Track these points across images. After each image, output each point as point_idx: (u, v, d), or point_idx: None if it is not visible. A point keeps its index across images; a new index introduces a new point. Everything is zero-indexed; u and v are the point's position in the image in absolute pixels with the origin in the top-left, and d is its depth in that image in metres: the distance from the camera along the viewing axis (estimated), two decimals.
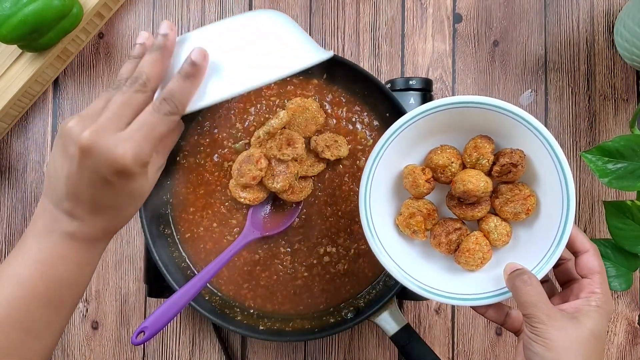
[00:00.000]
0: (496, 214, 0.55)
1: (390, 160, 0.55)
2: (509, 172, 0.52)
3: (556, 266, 0.52)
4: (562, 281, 0.52)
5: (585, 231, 0.77)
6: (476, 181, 0.52)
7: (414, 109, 0.52)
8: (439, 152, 0.55)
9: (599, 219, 0.77)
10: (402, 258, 0.55)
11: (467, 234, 0.54)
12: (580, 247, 0.50)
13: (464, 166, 0.55)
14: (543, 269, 0.49)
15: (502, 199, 0.53)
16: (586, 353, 0.44)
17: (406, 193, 0.57)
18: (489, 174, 0.54)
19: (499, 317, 0.52)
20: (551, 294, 0.53)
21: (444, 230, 0.55)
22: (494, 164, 0.53)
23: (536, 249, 0.51)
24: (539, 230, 0.52)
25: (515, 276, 0.48)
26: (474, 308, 0.52)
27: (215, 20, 0.79)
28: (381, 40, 0.79)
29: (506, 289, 0.50)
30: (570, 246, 0.51)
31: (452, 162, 0.54)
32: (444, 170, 0.54)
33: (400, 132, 0.53)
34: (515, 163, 0.52)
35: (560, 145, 0.77)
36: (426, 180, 0.54)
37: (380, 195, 0.57)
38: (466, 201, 0.54)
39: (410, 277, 0.54)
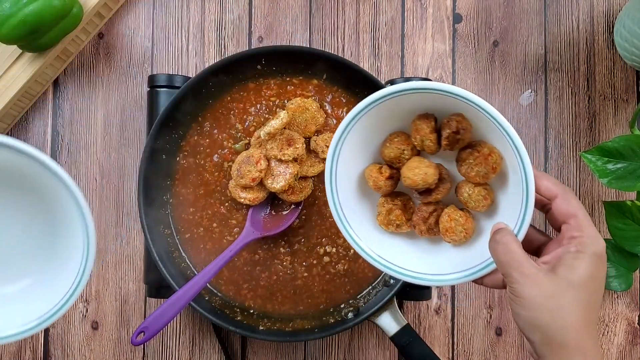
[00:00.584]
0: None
1: (349, 160, 0.54)
2: (457, 141, 0.51)
3: (546, 212, 0.49)
4: (556, 227, 0.49)
5: None
6: (414, 175, 0.51)
7: (355, 107, 0.51)
8: (387, 144, 0.54)
9: (599, 219, 0.77)
10: (390, 252, 0.55)
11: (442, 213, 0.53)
12: (548, 195, 0.47)
13: (417, 151, 0.54)
14: (522, 227, 0.48)
15: (466, 165, 0.52)
16: (564, 305, 0.42)
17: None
18: (440, 147, 0.53)
19: (497, 283, 0.50)
20: (546, 242, 0.50)
21: (420, 217, 0.54)
22: (441, 136, 0.52)
23: (513, 208, 0.49)
24: (512, 189, 0.51)
25: (490, 239, 0.47)
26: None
27: (214, 20, 0.79)
28: (381, 40, 0.79)
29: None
30: (541, 196, 0.48)
31: (404, 150, 0.53)
32: (399, 161, 0.54)
33: (351, 130, 0.52)
34: (456, 130, 0.50)
35: (560, 146, 0.77)
36: (387, 178, 0.53)
37: (353, 197, 0.56)
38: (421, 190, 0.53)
39: (399, 267, 0.54)
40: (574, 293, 0.42)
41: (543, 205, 0.49)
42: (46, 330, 0.76)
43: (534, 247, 0.50)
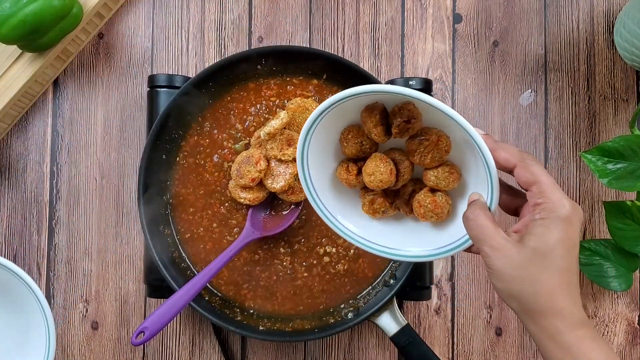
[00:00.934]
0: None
1: (319, 162, 0.54)
2: (407, 130, 0.51)
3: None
4: (526, 189, 0.49)
5: (585, 231, 0.77)
6: (370, 182, 0.51)
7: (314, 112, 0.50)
8: (345, 143, 0.54)
9: (599, 219, 0.77)
10: (378, 235, 0.55)
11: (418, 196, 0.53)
12: (506, 166, 0.46)
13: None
14: (493, 200, 0.47)
15: (418, 155, 0.52)
16: (534, 274, 0.43)
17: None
18: (389, 133, 0.52)
19: None
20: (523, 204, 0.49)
21: (402, 201, 0.54)
22: (390, 125, 0.51)
23: (483, 179, 0.49)
24: (475, 161, 0.51)
25: (463, 214, 0.47)
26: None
27: (214, 20, 0.79)
28: (381, 40, 0.79)
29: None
30: (501, 166, 0.47)
31: (362, 142, 0.53)
32: (362, 152, 0.53)
33: (314, 133, 0.52)
34: (408, 119, 0.50)
35: (560, 146, 0.77)
36: (356, 175, 0.54)
37: (333, 194, 0.56)
38: None
39: (388, 248, 0.54)
40: (542, 261, 0.43)
41: (510, 171, 0.48)
42: None
43: (512, 209, 0.50)
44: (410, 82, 0.71)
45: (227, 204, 0.71)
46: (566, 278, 0.43)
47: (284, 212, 0.71)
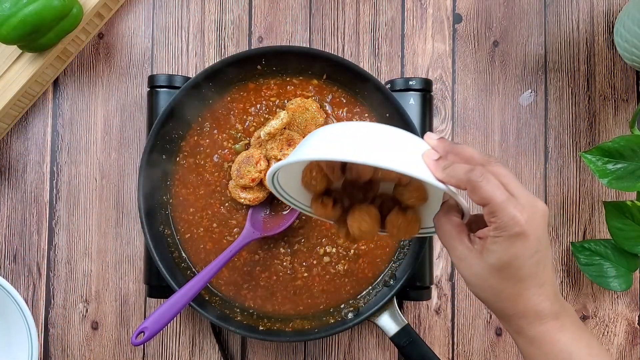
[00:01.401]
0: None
1: (297, 187, 0.54)
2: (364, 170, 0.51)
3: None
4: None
5: (585, 231, 0.77)
6: (357, 238, 0.52)
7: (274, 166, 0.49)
8: (313, 182, 0.51)
9: (599, 219, 0.77)
10: None
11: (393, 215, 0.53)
12: (460, 188, 0.45)
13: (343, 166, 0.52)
14: (464, 211, 0.47)
15: (379, 176, 0.51)
16: (494, 285, 0.45)
17: None
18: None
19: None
20: None
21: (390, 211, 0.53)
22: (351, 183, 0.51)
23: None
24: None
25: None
26: None
27: (214, 20, 0.79)
28: (381, 40, 0.79)
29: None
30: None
31: (325, 176, 0.51)
32: (330, 183, 0.52)
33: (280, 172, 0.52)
34: (359, 174, 0.50)
35: (560, 146, 0.77)
36: (332, 207, 0.52)
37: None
38: None
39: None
40: (500, 274, 0.44)
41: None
42: (46, 331, 0.76)
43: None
44: (411, 82, 0.71)
45: (227, 204, 0.71)
46: (529, 283, 0.45)
47: (284, 212, 0.71)
